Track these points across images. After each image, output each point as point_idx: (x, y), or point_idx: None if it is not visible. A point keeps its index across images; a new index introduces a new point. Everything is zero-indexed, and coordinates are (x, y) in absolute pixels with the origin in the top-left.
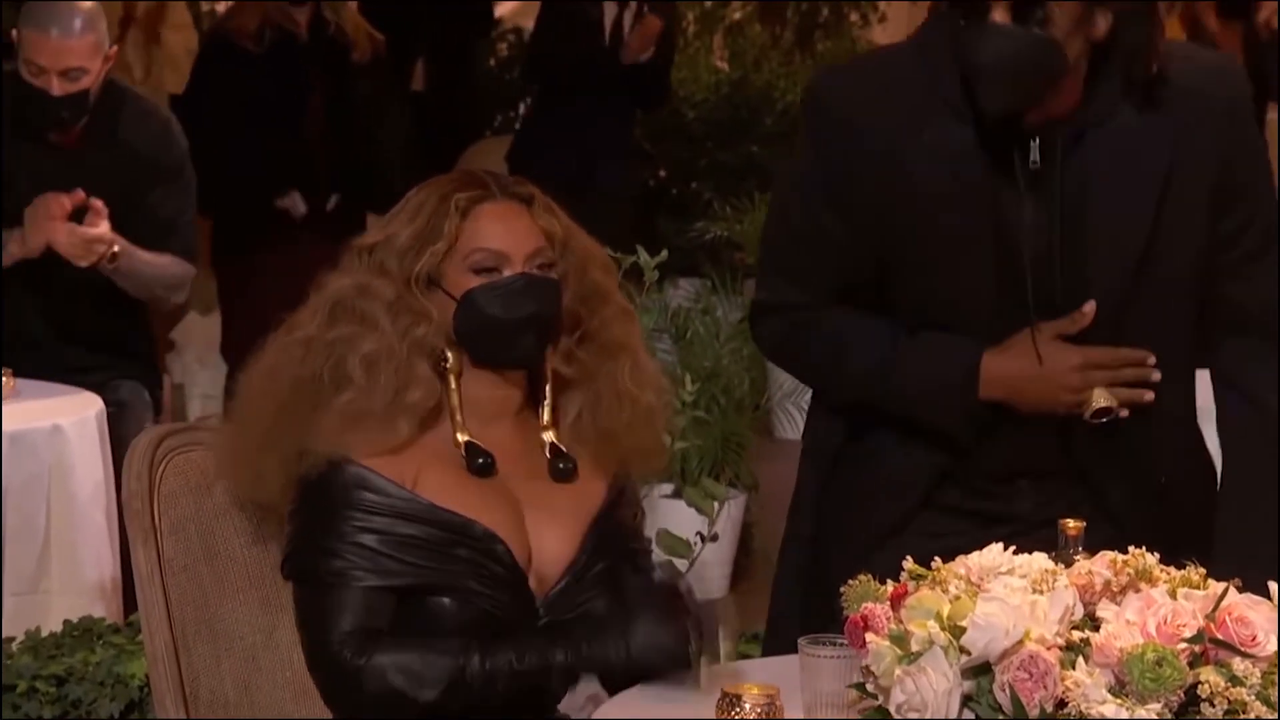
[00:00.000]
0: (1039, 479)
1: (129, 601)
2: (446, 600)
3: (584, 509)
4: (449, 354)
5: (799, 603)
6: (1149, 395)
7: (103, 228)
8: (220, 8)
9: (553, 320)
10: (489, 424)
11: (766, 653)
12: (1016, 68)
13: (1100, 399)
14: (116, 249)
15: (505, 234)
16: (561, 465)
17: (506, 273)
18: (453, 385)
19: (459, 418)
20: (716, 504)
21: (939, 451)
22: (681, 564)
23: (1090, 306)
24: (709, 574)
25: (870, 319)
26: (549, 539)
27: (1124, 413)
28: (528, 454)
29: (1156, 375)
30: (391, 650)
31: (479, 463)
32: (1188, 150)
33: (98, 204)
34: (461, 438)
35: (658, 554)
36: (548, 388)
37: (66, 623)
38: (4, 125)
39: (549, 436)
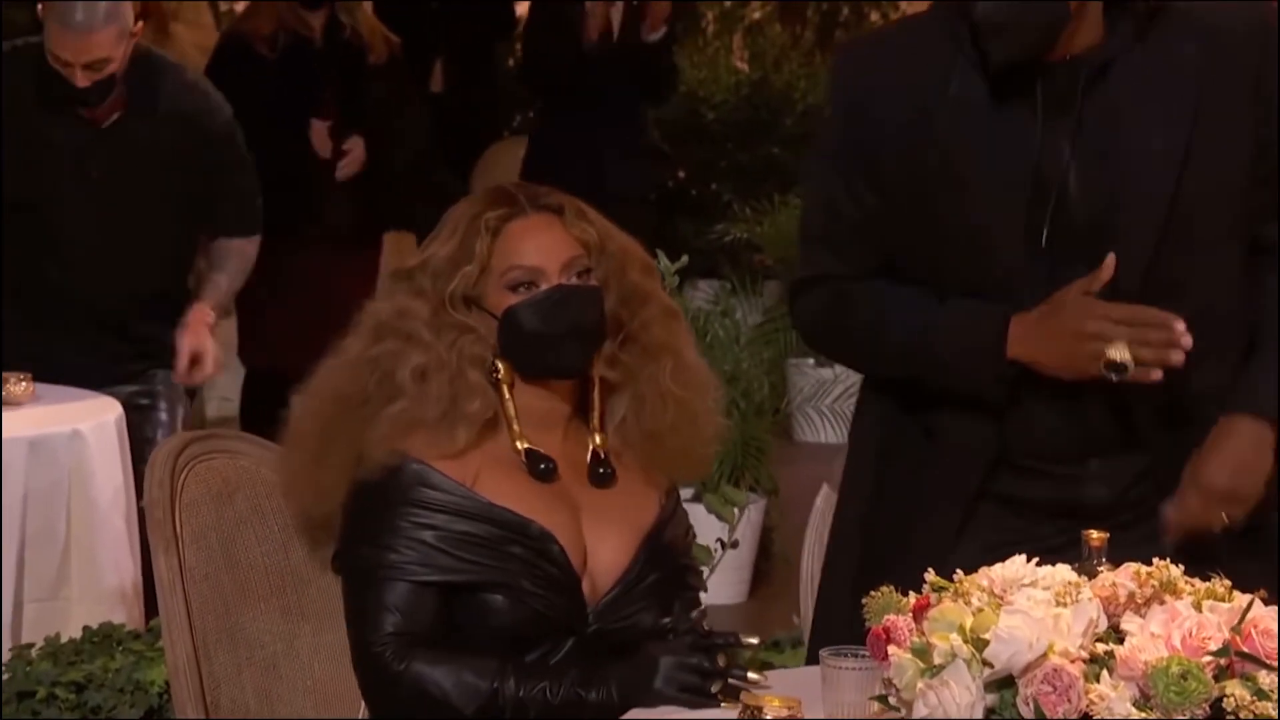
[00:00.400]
0: (1108, 458)
1: (150, 605)
2: (499, 597)
3: (639, 521)
4: (500, 365)
5: (849, 607)
6: (1177, 356)
7: (207, 364)
8: (239, 7)
9: (595, 327)
10: (543, 433)
11: (811, 656)
12: (1019, 16)
13: (1115, 352)
14: (214, 317)
15: (537, 248)
16: (601, 470)
17: (543, 286)
18: (507, 395)
19: (516, 427)
20: (737, 510)
21: (993, 428)
22: (701, 570)
23: (1110, 259)
24: (729, 579)
25: (907, 288)
26: (605, 547)
27: (1156, 374)
28: (582, 462)
29: (1187, 340)
30: (431, 661)
31: (541, 468)
32: (1216, 77)
33: (199, 352)
34: (521, 445)
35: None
36: (595, 393)
37: (86, 629)
38: (2, 102)
39: (596, 440)
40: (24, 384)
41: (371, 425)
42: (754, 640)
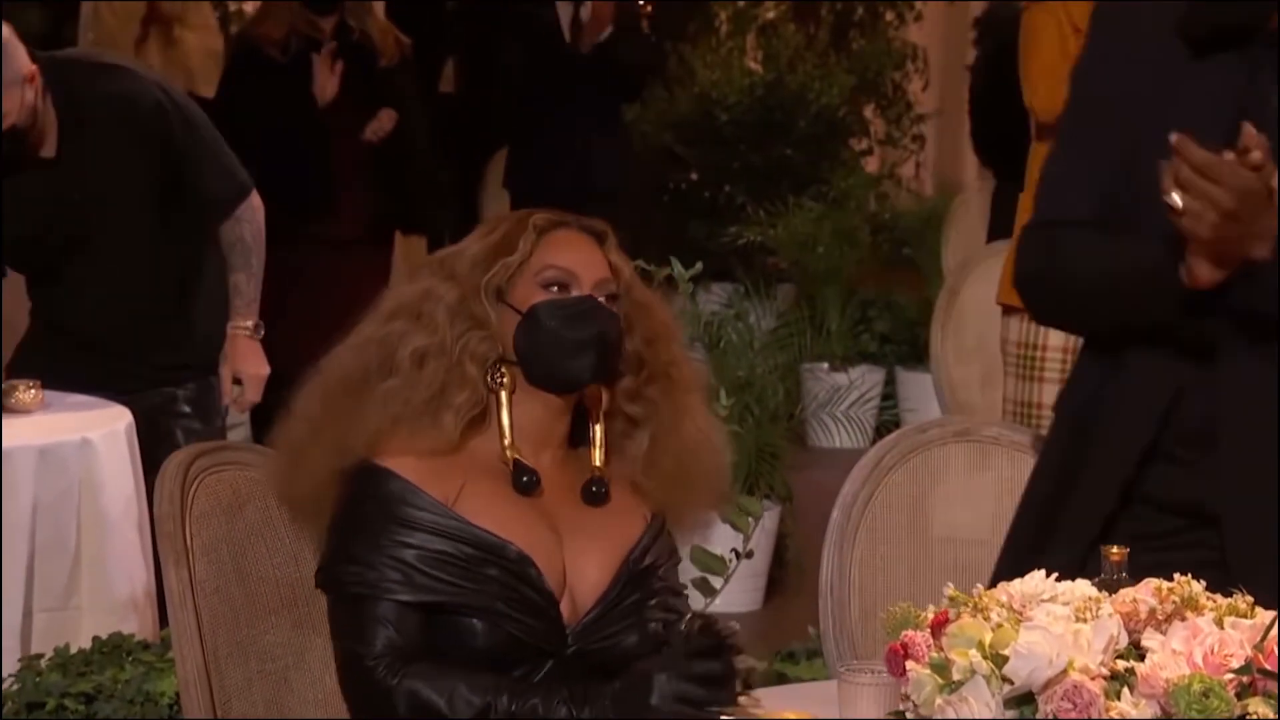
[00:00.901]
0: (1239, 452)
1: (164, 613)
2: (475, 621)
3: (621, 541)
4: (505, 370)
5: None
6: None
7: (249, 390)
8: (249, 8)
9: (611, 348)
10: (535, 449)
11: None
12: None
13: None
14: (252, 325)
15: (577, 257)
16: (595, 489)
17: (574, 293)
18: (504, 400)
19: (509, 436)
20: (752, 520)
21: (1159, 403)
22: (716, 581)
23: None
24: (742, 587)
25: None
26: (585, 567)
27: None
28: (570, 485)
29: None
30: (424, 677)
31: (524, 480)
32: None
33: (240, 378)
34: (510, 455)
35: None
36: (598, 426)
37: (96, 639)
38: None
39: (596, 460)
40: (33, 391)
41: (364, 405)
42: (735, 626)
